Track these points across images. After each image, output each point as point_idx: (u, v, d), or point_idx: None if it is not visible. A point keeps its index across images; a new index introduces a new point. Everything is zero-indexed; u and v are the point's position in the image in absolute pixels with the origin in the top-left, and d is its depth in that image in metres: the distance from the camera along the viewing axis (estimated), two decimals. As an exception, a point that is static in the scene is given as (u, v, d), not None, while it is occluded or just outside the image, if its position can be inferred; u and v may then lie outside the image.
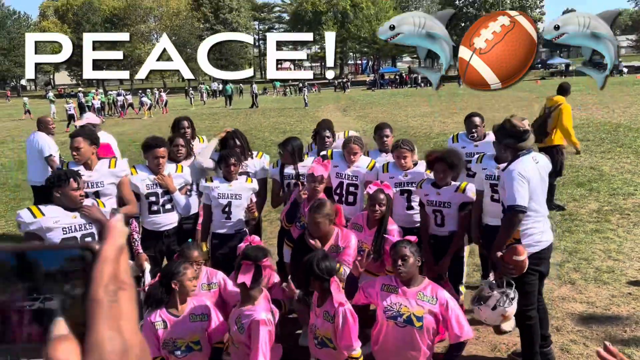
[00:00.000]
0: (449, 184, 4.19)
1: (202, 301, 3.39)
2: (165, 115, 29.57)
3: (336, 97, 40.18)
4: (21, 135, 21.78)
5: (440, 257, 4.20)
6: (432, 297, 3.30)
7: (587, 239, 6.47)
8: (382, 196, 4.01)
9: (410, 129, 17.87)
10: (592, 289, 5.17)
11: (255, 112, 28.63)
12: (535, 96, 29.99)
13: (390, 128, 5.15)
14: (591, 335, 4.35)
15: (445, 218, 4.19)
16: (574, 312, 4.73)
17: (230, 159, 4.36)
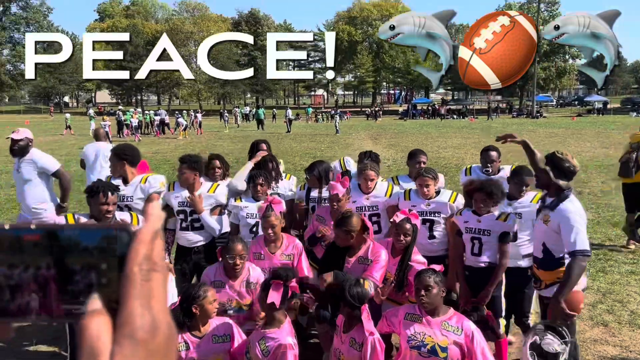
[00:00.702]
0: (489, 212, 4.13)
1: (225, 321, 3.37)
2: (199, 136, 30.19)
3: (367, 125, 40.35)
4: (60, 149, 22.53)
5: (474, 289, 4.10)
6: (458, 328, 3.23)
7: (622, 281, 6.25)
8: (409, 226, 3.94)
9: (441, 159, 17.75)
10: (626, 332, 4.96)
11: (287, 137, 28.94)
12: (571, 132, 29.67)
13: (425, 155, 5.06)
14: (624, 380, 4.17)
15: (483, 246, 4.09)
16: (606, 356, 4.53)
17: (258, 179, 4.40)
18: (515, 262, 4.19)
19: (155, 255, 0.44)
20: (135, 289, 0.42)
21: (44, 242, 0.45)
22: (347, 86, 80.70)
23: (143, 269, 0.42)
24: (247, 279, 3.75)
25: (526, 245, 4.21)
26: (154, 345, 0.41)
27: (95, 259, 0.45)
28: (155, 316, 0.42)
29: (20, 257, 0.45)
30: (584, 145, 22.00)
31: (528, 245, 4.20)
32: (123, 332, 0.41)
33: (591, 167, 15.57)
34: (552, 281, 3.66)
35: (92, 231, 0.46)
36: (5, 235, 0.45)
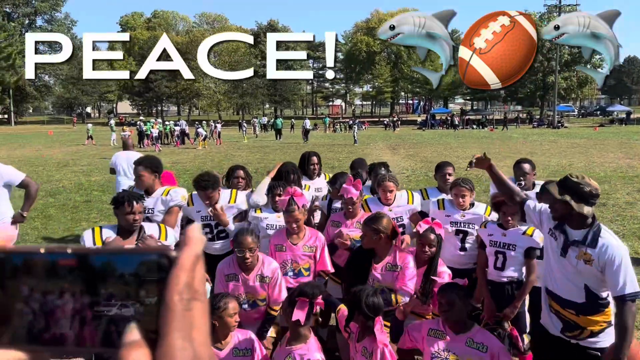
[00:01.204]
0: (516, 226, 4.05)
1: (247, 334, 3.36)
2: (218, 147, 30.46)
3: (386, 135, 40.30)
4: (81, 159, 22.92)
5: (497, 304, 4.02)
6: (482, 345, 3.17)
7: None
8: (433, 236, 3.89)
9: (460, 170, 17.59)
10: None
11: (305, 147, 29.04)
12: (593, 143, 29.25)
13: (451, 166, 5.03)
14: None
15: (507, 261, 4.03)
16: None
17: (277, 189, 4.41)
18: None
19: (197, 282, 0.42)
20: (176, 320, 0.41)
21: (79, 268, 0.44)
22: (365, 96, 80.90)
23: (184, 298, 0.41)
24: (262, 273, 3.74)
25: None
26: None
27: (133, 286, 0.44)
28: (196, 350, 0.41)
29: (55, 282, 0.44)
30: (607, 156, 21.66)
31: None
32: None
33: (615, 178, 15.31)
34: (603, 327, 3.15)
35: (129, 256, 0.45)
36: (40, 260, 0.44)
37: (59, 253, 0.44)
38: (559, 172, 16.17)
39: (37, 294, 0.44)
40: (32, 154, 25.74)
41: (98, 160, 21.94)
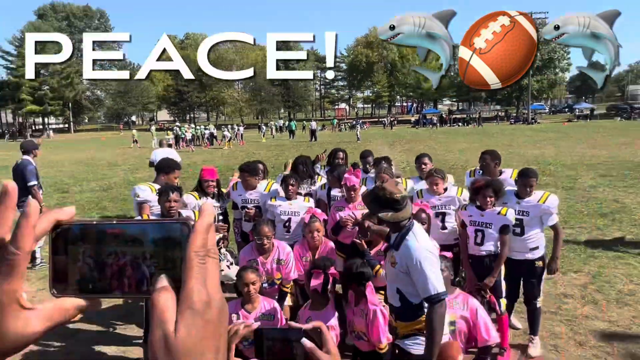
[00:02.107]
0: (491, 207, 4.05)
1: (272, 303, 3.41)
2: (241, 146, 30.52)
3: (384, 134, 40.09)
4: (128, 160, 23.11)
5: (476, 275, 4.05)
6: (464, 305, 3.21)
7: (610, 264, 6.07)
8: (424, 215, 3.95)
9: (448, 161, 17.52)
10: (613, 309, 4.82)
11: (315, 145, 28.97)
12: (562, 136, 28.87)
13: (429, 157, 5.06)
14: (612, 351, 4.04)
15: (485, 237, 4.04)
16: (596, 330, 4.41)
17: (289, 180, 4.44)
18: (523, 255, 4.12)
19: (210, 243, 0.46)
20: (194, 271, 0.44)
21: (122, 234, 0.48)
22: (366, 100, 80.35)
23: (200, 255, 0.44)
24: (278, 257, 3.79)
25: (533, 240, 4.11)
26: (209, 315, 0.44)
27: (162, 247, 0.48)
28: (209, 292, 0.44)
29: (104, 246, 0.48)
30: (573, 147, 21.42)
31: (534, 240, 4.11)
32: (184, 305, 0.43)
33: (580, 165, 15.17)
34: (408, 332, 2.86)
35: (160, 225, 0.49)
36: (93, 229, 0.48)
37: (107, 224, 0.49)
38: (532, 161, 16.03)
39: (91, 254, 0.48)
40: (89, 156, 26.01)
41: (142, 160, 22.12)
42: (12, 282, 0.43)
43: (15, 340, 0.43)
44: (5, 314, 0.43)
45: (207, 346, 0.43)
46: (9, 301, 0.43)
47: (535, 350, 4.04)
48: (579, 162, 16.03)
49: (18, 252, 0.43)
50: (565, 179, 12.55)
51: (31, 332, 0.44)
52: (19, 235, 0.43)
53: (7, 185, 0.45)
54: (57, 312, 0.47)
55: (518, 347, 4.17)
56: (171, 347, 0.42)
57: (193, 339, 0.42)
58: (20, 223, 0.44)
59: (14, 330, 0.43)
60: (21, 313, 0.44)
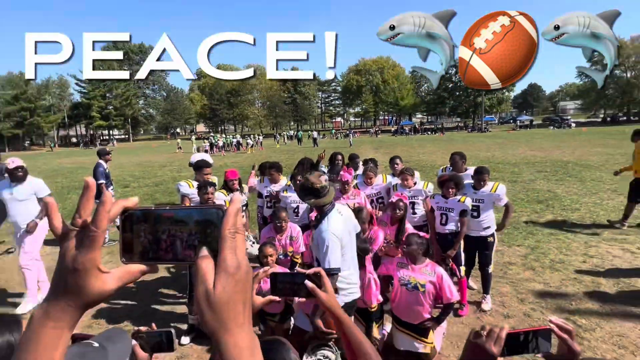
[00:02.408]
0: (453, 196, 4.04)
1: (285, 270, 3.39)
2: (260, 151, 30.45)
3: (371, 140, 39.93)
4: (174, 162, 23.09)
5: (442, 248, 4.05)
6: (432, 272, 3.20)
7: (545, 239, 6.05)
8: (402, 203, 3.92)
9: (420, 161, 17.47)
10: (547, 274, 4.82)
11: (316, 150, 28.89)
12: (508, 141, 28.70)
13: (399, 158, 5.04)
14: (546, 305, 4.04)
15: (448, 219, 4.04)
16: (534, 290, 4.41)
17: (298, 176, 4.45)
18: (478, 233, 4.11)
19: (238, 223, 0.47)
20: (227, 244, 0.46)
21: (173, 217, 0.49)
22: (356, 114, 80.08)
23: (231, 232, 0.46)
24: (290, 235, 3.80)
25: (486, 221, 4.10)
26: (238, 275, 0.46)
27: (202, 227, 0.49)
28: (239, 258, 0.46)
29: (160, 226, 0.49)
30: (517, 149, 21.30)
31: (487, 221, 4.10)
32: (220, 268, 0.45)
33: (522, 163, 15.09)
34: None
35: (201, 210, 0.50)
36: (152, 213, 0.50)
37: (162, 209, 0.50)
38: (485, 161, 15.96)
39: (150, 232, 0.49)
40: (144, 160, 26.00)
41: (184, 162, 22.10)
42: (93, 253, 0.45)
43: (96, 295, 0.46)
44: (88, 276, 0.45)
45: (237, 299, 0.45)
46: (91, 266, 0.45)
47: (487, 306, 4.04)
48: (521, 161, 15.95)
49: (97, 230, 0.46)
50: (510, 174, 12.50)
51: (107, 289, 0.47)
52: (98, 218, 0.46)
53: (88, 181, 0.47)
54: (126, 274, 0.49)
55: (474, 304, 4.17)
56: (211, 299, 0.44)
57: (227, 293, 0.45)
58: (98, 209, 0.46)
59: (95, 287, 0.46)
60: (100, 275, 0.46)
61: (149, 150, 37.88)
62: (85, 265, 0.45)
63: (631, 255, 5.27)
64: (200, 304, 0.45)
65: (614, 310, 3.87)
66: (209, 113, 70.95)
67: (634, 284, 4.41)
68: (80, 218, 0.47)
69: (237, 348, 0.44)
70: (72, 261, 0.45)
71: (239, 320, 0.45)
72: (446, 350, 3.35)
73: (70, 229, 0.47)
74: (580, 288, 4.39)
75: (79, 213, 0.47)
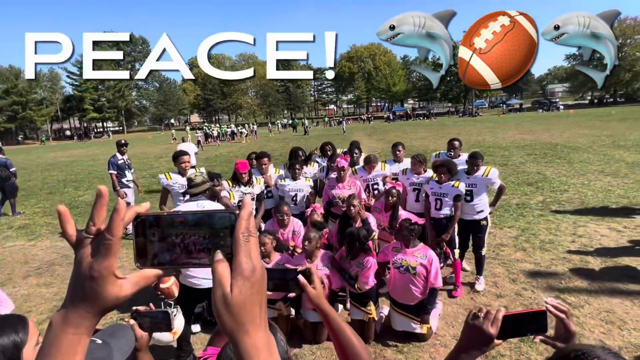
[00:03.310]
0: (447, 181, 4.04)
1: (284, 257, 3.40)
2: (255, 140, 30.25)
3: (364, 127, 39.82)
4: (169, 153, 22.85)
5: (437, 232, 4.08)
6: (423, 255, 3.25)
7: (535, 221, 6.13)
8: (394, 191, 3.94)
9: (413, 146, 17.46)
10: (538, 254, 4.90)
11: (310, 137, 28.79)
12: (498, 125, 28.80)
13: (402, 145, 5.00)
14: (537, 285, 4.12)
15: (442, 204, 4.06)
16: (525, 270, 4.49)
17: (295, 165, 4.42)
18: (472, 216, 4.14)
19: (251, 226, 0.47)
20: (242, 247, 0.46)
21: (185, 221, 0.48)
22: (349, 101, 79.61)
23: (245, 235, 0.46)
24: (293, 229, 3.81)
25: (479, 205, 4.12)
26: (254, 278, 0.46)
27: (215, 230, 0.48)
28: (254, 262, 0.46)
29: (172, 230, 0.48)
30: (507, 133, 21.39)
31: (480, 205, 4.12)
32: (236, 272, 0.45)
33: (512, 147, 15.18)
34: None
35: (213, 214, 0.49)
36: (164, 218, 0.48)
37: (174, 214, 0.49)
38: (476, 145, 16.02)
39: (164, 237, 0.48)
40: (140, 151, 25.73)
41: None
42: (109, 260, 0.46)
43: (113, 300, 0.46)
44: (105, 283, 0.46)
45: (254, 301, 0.46)
46: (107, 273, 0.46)
47: (481, 286, 4.10)
48: (511, 144, 16.03)
49: (113, 238, 0.45)
50: (501, 158, 12.57)
51: (123, 295, 0.47)
52: (113, 226, 0.46)
53: (101, 189, 0.47)
54: (142, 279, 0.49)
55: (468, 285, 4.23)
56: (228, 302, 0.45)
57: (244, 296, 0.45)
58: (112, 216, 0.46)
59: (112, 293, 0.46)
60: (116, 281, 0.46)
61: (144, 142, 37.44)
62: (101, 272, 0.45)
63: (617, 234, 5.37)
64: (218, 306, 0.45)
65: (602, 288, 3.96)
66: (203, 103, 70.00)
67: (620, 262, 4.51)
68: (94, 226, 0.47)
69: (255, 348, 0.45)
70: (88, 269, 0.45)
71: (255, 322, 0.46)
72: (442, 331, 3.41)
73: (85, 236, 0.47)
74: (570, 267, 4.47)
75: (93, 221, 0.47)
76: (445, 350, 3.15)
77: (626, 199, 6.91)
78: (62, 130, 66.06)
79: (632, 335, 3.16)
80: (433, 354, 3.13)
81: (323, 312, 0.97)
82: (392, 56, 69.21)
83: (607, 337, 3.15)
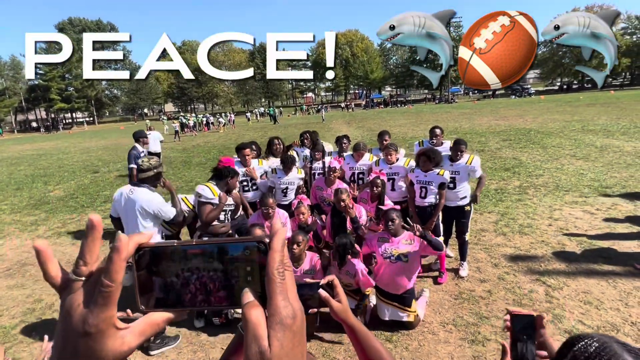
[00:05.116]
0: (433, 169, 4.02)
1: (314, 260, 3.29)
2: (233, 130, 29.65)
3: (343, 115, 39.74)
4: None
5: (422, 220, 4.07)
6: (411, 240, 3.25)
7: (513, 205, 6.27)
8: (379, 181, 3.90)
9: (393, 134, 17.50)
10: (517, 238, 5.00)
11: (290, 126, 28.47)
12: (474, 112, 29.38)
13: (388, 133, 4.93)
14: (518, 268, 4.21)
15: (427, 192, 4.05)
16: (506, 254, 4.58)
17: (287, 161, 4.31)
18: (455, 203, 4.16)
19: (286, 259, 0.39)
20: (277, 287, 0.38)
21: (202, 253, 0.40)
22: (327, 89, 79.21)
23: (280, 271, 0.38)
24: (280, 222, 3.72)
25: (462, 191, 4.14)
26: (295, 327, 0.38)
27: (241, 263, 0.40)
28: (293, 305, 0.38)
29: (186, 264, 0.40)
30: (483, 119, 21.84)
31: (463, 191, 4.14)
32: (274, 320, 0.38)
33: (488, 133, 15.49)
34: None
35: (237, 244, 0.40)
36: (176, 250, 0.40)
37: (187, 245, 0.40)
38: (453, 131, 16.26)
39: (174, 272, 0.40)
40: (112, 143, 24.71)
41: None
42: (108, 310, 0.37)
43: (115, 357, 0.38)
44: (105, 338, 0.37)
45: (296, 354, 0.38)
46: (106, 326, 0.37)
47: (464, 272, 4.16)
48: (487, 130, 16.36)
49: (112, 284, 0.37)
50: (478, 144, 12.80)
51: (127, 348, 0.38)
52: (113, 269, 0.37)
53: (93, 220, 0.37)
54: (149, 326, 0.40)
55: (452, 271, 4.27)
56: (266, 358, 0.37)
57: (285, 350, 0.37)
58: (112, 257, 0.37)
59: (113, 349, 0.38)
60: (118, 333, 0.38)
61: (116, 133, 36.00)
62: (99, 327, 0.36)
63: (591, 216, 5.56)
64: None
65: (579, 269, 4.08)
66: (177, 92, 67.80)
67: (595, 244, 4.67)
68: (86, 266, 0.37)
69: None
70: (82, 323, 0.36)
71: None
72: (429, 318, 3.43)
73: (74, 279, 0.37)
74: (548, 250, 4.59)
75: (84, 259, 0.37)
76: (433, 337, 3.17)
77: (597, 182, 7.17)
78: (27, 122, 62.59)
79: (609, 314, 3.27)
80: (422, 341, 3.14)
81: (350, 326, 0.88)
82: (369, 43, 69.00)
83: (586, 317, 3.25)
